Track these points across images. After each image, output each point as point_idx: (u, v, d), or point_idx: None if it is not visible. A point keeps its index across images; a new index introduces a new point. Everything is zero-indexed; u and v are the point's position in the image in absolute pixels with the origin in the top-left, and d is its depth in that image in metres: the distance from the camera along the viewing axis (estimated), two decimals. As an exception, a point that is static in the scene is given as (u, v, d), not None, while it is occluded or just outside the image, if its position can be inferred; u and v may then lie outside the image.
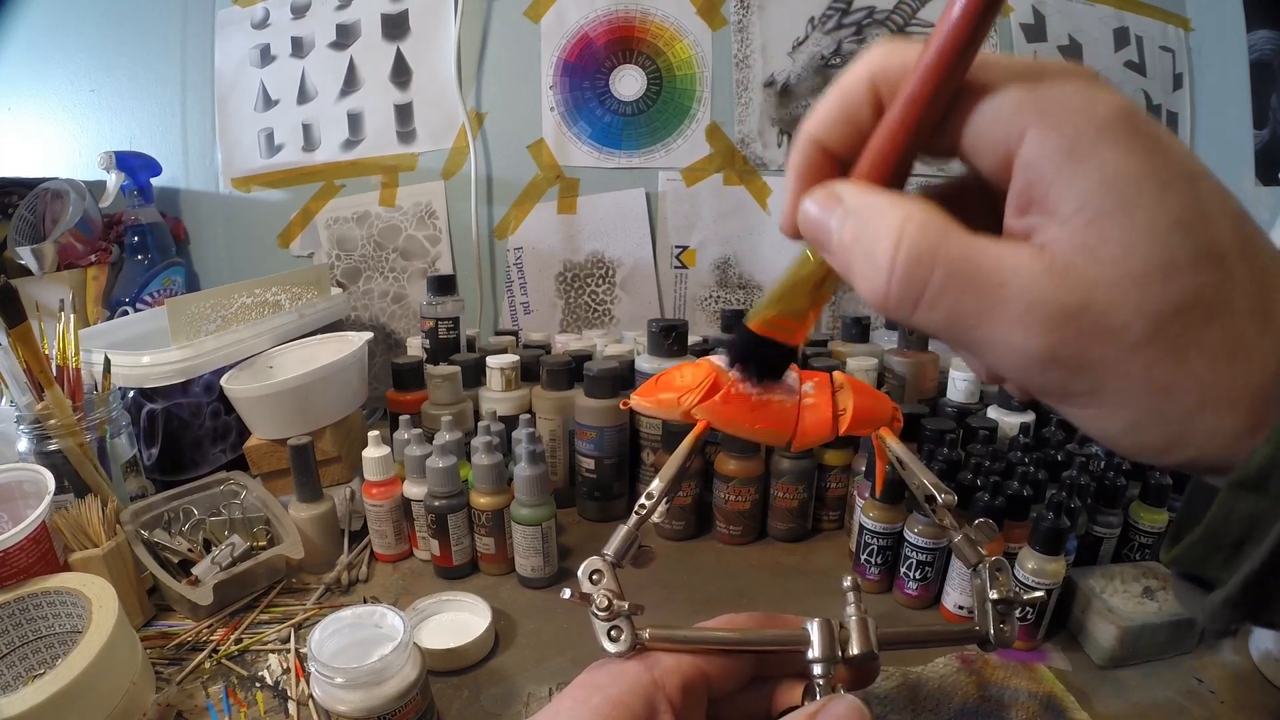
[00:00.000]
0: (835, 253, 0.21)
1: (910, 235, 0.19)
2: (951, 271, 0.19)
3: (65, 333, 0.65)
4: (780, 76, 1.05)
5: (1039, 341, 0.18)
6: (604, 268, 1.11)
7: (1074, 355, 0.18)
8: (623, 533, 0.34)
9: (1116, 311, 0.18)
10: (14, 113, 1.11)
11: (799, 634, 0.31)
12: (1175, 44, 1.08)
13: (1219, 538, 0.20)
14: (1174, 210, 0.18)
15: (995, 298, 0.19)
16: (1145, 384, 0.18)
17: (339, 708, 0.43)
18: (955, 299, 0.19)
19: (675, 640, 0.31)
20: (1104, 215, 0.18)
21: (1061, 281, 0.18)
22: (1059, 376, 0.19)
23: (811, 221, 0.22)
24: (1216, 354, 0.18)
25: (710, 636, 0.32)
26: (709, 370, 0.39)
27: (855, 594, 0.32)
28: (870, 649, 0.31)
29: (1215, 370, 0.18)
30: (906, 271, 0.19)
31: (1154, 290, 0.18)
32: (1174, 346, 0.18)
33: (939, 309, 0.19)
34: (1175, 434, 0.19)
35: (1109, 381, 0.19)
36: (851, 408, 0.39)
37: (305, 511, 0.65)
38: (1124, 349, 0.18)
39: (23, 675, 0.51)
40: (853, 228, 0.21)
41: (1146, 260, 0.18)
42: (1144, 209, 0.18)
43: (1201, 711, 0.50)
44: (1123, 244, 0.18)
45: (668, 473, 0.36)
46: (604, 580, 0.32)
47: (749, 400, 0.38)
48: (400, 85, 1.06)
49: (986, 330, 0.19)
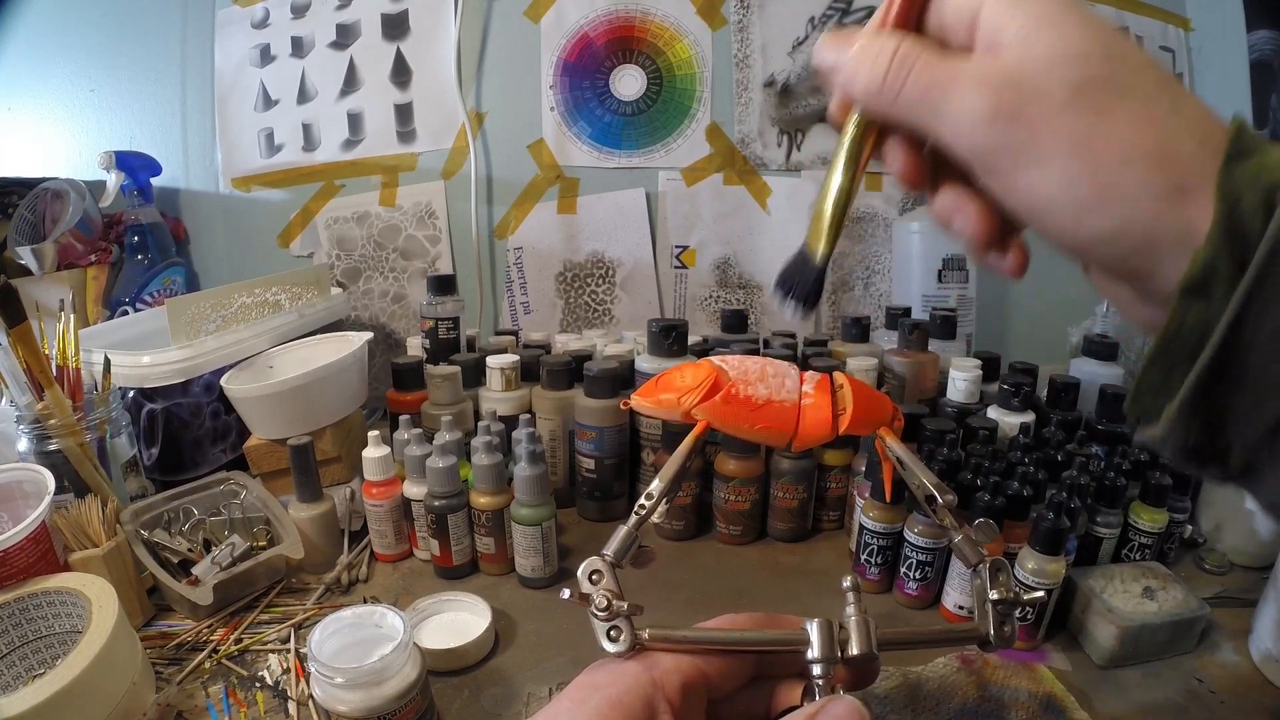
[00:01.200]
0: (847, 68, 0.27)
1: (905, 43, 0.25)
2: (928, 62, 0.25)
3: (65, 333, 0.65)
4: (780, 76, 1.05)
5: (986, 99, 0.23)
6: (604, 268, 1.11)
7: (1012, 110, 0.23)
8: (622, 533, 0.34)
9: (1043, 80, 0.23)
10: (14, 113, 1.11)
11: (798, 634, 0.31)
12: (1175, 44, 1.08)
13: (1174, 352, 0.23)
14: (1091, 29, 0.23)
15: (956, 75, 0.24)
16: (1072, 134, 0.22)
17: (339, 708, 0.43)
18: (929, 78, 0.25)
19: (674, 640, 0.31)
20: (1037, 29, 0.23)
21: (1003, 64, 0.24)
22: (1002, 131, 0.23)
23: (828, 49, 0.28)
24: (1132, 120, 0.22)
25: (709, 636, 0.32)
26: (709, 371, 0.39)
27: (855, 594, 0.32)
28: (870, 650, 0.31)
29: (1132, 132, 0.22)
30: (900, 61, 0.25)
31: (1073, 68, 0.23)
32: (1092, 107, 0.22)
33: (918, 84, 0.25)
34: (1106, 186, 0.22)
35: (1041, 133, 0.23)
36: (851, 408, 0.39)
37: (305, 511, 0.65)
38: (1052, 107, 0.23)
39: (23, 675, 0.51)
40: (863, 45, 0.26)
41: (1065, 50, 0.23)
42: (1068, 25, 0.23)
43: (1201, 711, 0.50)
44: (1048, 43, 0.23)
45: (668, 473, 0.36)
46: (603, 580, 0.32)
47: (749, 401, 0.38)
48: (400, 85, 1.06)
49: (948, 98, 0.24)
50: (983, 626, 0.34)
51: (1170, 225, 0.22)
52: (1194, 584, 0.59)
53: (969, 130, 0.24)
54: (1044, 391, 0.76)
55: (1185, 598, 0.55)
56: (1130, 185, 0.22)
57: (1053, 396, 0.74)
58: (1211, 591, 0.62)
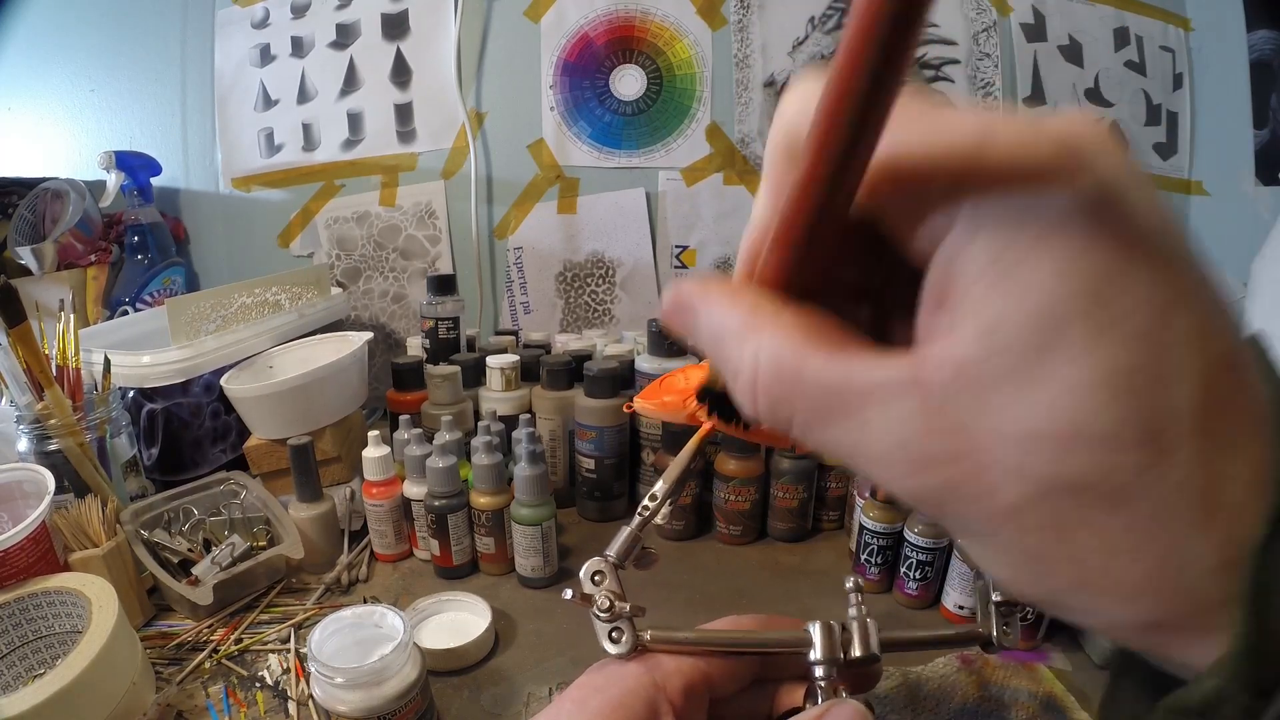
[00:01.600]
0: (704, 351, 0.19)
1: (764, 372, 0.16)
2: (812, 408, 0.16)
3: (65, 332, 0.65)
4: (780, 76, 1.05)
5: (898, 486, 0.16)
6: (604, 267, 1.11)
7: (936, 505, 0.15)
8: (625, 534, 0.34)
9: (990, 470, 0.14)
10: (14, 113, 1.10)
11: (800, 635, 0.31)
12: (1175, 44, 1.08)
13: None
14: (1109, 361, 0.13)
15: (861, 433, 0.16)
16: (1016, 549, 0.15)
17: (339, 708, 0.43)
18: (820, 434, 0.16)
19: (676, 642, 0.31)
20: (1009, 350, 0.14)
21: (932, 424, 0.15)
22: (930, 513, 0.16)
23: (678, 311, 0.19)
24: (1115, 546, 0.14)
25: (711, 638, 0.32)
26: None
27: (857, 595, 0.32)
28: (872, 651, 0.31)
29: (1108, 563, 0.14)
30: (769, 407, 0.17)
31: (1045, 458, 0.14)
32: (1056, 523, 0.14)
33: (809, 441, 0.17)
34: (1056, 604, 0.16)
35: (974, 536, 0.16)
36: None
37: (305, 511, 0.65)
38: (992, 512, 0.15)
39: (23, 675, 0.51)
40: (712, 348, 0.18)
41: (1047, 420, 0.13)
42: (1065, 353, 0.13)
43: (1201, 711, 0.50)
44: (1020, 394, 0.14)
45: (671, 474, 0.36)
46: (606, 581, 0.32)
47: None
48: (400, 85, 1.06)
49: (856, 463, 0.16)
50: (985, 628, 0.34)
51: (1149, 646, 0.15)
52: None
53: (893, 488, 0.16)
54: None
55: (1185, 598, 0.55)
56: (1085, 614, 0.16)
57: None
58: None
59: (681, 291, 0.18)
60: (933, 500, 0.15)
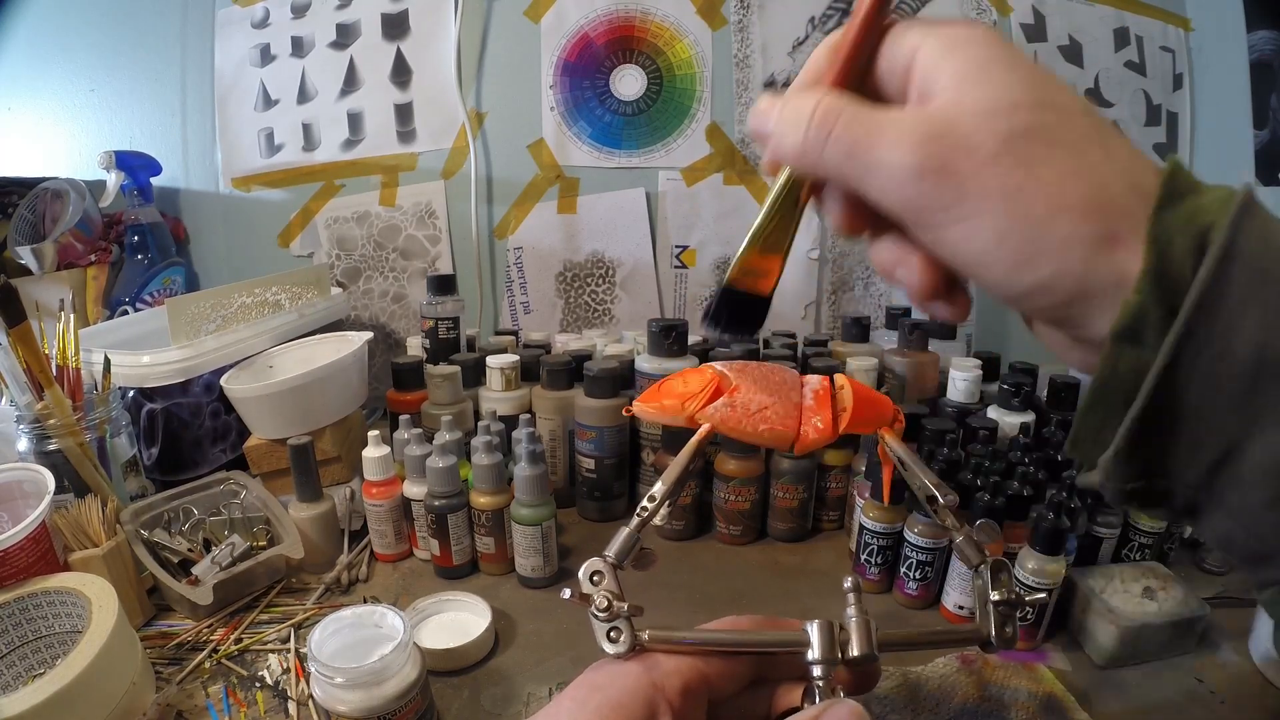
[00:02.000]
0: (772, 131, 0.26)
1: (824, 99, 0.25)
2: (852, 117, 0.24)
3: (65, 332, 0.65)
4: (780, 76, 1.05)
5: (912, 156, 0.23)
6: (604, 267, 1.11)
7: (939, 166, 0.22)
8: (624, 535, 0.34)
9: (972, 134, 0.22)
10: (14, 112, 1.11)
11: (799, 635, 0.31)
12: (1175, 44, 1.08)
13: (1108, 399, 0.23)
14: (1021, 76, 0.23)
15: (880, 130, 0.24)
16: (1000, 188, 0.22)
17: (339, 708, 0.43)
18: (852, 134, 0.24)
19: (674, 642, 0.31)
20: (966, 79, 0.23)
21: (930, 117, 0.23)
22: (930, 187, 0.23)
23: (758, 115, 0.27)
24: (1062, 171, 0.22)
25: (709, 638, 0.32)
26: (711, 376, 0.39)
27: (856, 595, 0.32)
28: (870, 651, 0.31)
29: (1062, 183, 0.22)
30: (820, 119, 0.25)
31: (1001, 119, 0.22)
32: (1022, 160, 0.22)
33: (841, 144, 0.24)
34: (1035, 239, 0.22)
35: (970, 188, 0.22)
36: (851, 407, 0.39)
37: (305, 511, 0.65)
38: (980, 161, 0.22)
39: (22, 675, 0.51)
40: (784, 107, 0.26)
41: (995, 100, 0.22)
42: (998, 73, 0.23)
43: (1201, 712, 0.50)
44: (977, 94, 0.23)
45: (670, 476, 0.36)
46: (604, 581, 0.32)
47: (751, 405, 0.38)
48: (400, 85, 1.06)
49: (873, 154, 0.24)
50: (984, 627, 0.34)
51: (1102, 274, 0.21)
52: (1194, 584, 0.59)
53: (895, 187, 0.23)
54: (1044, 391, 0.76)
55: (1185, 598, 0.55)
56: (1060, 237, 0.22)
57: (1053, 396, 0.74)
58: (1212, 591, 0.62)
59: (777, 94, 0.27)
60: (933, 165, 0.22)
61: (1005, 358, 0.82)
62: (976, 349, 0.86)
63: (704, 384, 0.39)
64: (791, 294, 1.10)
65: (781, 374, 0.41)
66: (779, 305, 1.11)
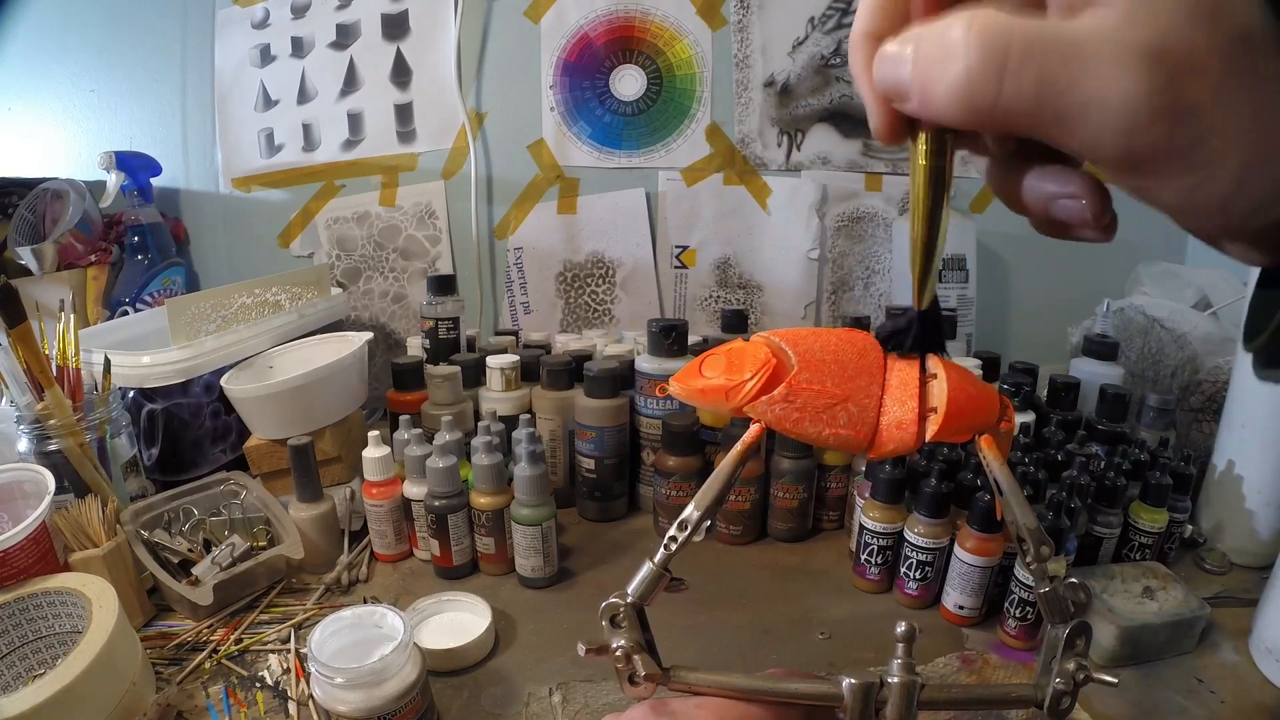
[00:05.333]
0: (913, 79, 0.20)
1: (979, 18, 0.18)
2: (1029, 39, 0.18)
3: (65, 333, 0.65)
4: (780, 76, 1.05)
5: (1140, 85, 0.17)
6: (604, 267, 1.11)
7: (1174, 99, 0.17)
8: (648, 570, 0.30)
9: (1194, 49, 0.17)
10: (14, 113, 1.10)
11: (831, 689, 0.29)
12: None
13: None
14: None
15: (1080, 53, 0.17)
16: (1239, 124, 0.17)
17: (339, 708, 0.43)
18: (1040, 64, 0.18)
19: (701, 684, 0.30)
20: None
21: (1137, 25, 0.17)
22: (1164, 131, 0.17)
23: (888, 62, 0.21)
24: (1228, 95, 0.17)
25: (733, 684, 0.30)
26: (766, 357, 0.30)
27: (906, 647, 0.29)
28: (908, 715, 0.28)
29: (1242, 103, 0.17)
30: (983, 47, 0.18)
31: (1221, 21, 0.17)
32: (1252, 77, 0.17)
33: (1026, 78, 0.18)
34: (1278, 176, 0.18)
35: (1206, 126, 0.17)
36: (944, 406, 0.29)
37: (305, 511, 0.65)
38: (1211, 87, 0.17)
39: (23, 675, 0.51)
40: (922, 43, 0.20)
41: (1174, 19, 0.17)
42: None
43: (1202, 711, 0.50)
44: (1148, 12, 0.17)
45: (707, 497, 0.30)
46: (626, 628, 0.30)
47: (819, 398, 0.30)
48: (400, 85, 1.06)
49: (1082, 90, 0.18)
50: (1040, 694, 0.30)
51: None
52: (1194, 584, 0.59)
53: (1118, 134, 0.18)
54: (1044, 391, 0.77)
55: (1185, 598, 0.55)
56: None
57: (1053, 396, 0.74)
58: (1212, 591, 0.62)
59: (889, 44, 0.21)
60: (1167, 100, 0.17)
61: (1005, 357, 0.82)
62: (977, 349, 0.86)
63: (758, 367, 0.30)
64: (791, 294, 1.10)
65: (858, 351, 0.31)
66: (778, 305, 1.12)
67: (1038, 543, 0.31)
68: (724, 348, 0.32)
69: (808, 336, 0.31)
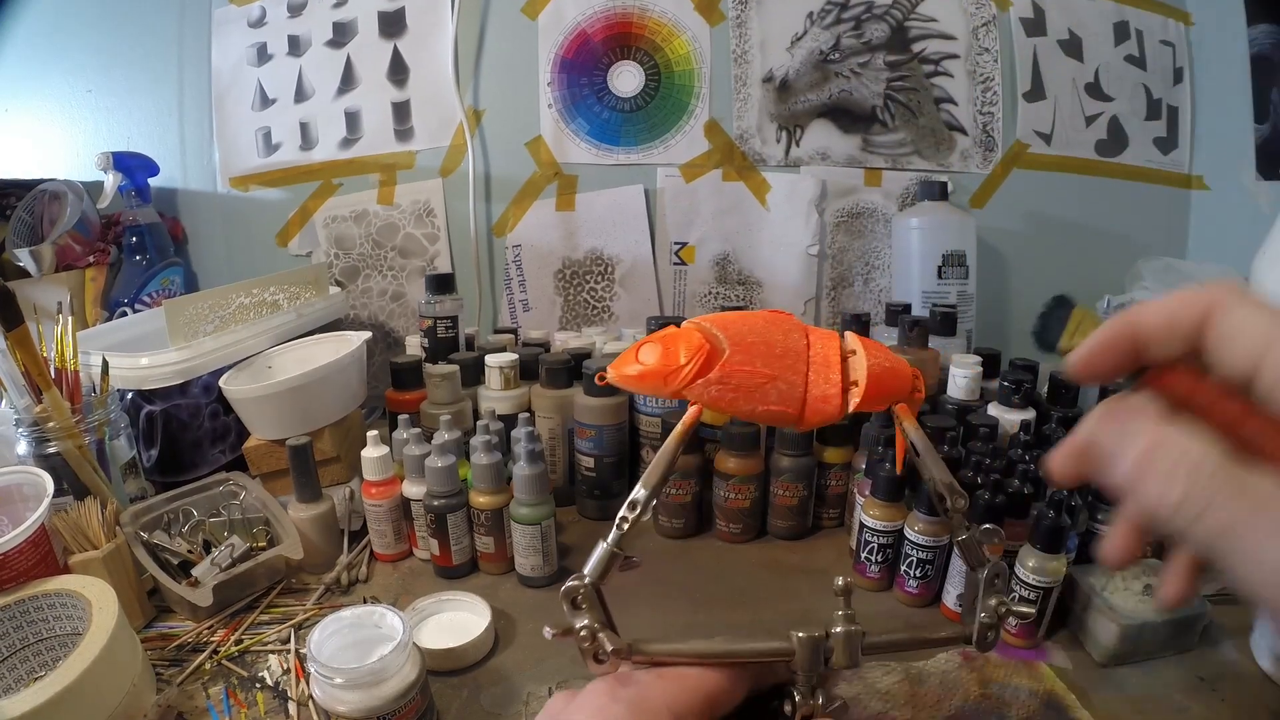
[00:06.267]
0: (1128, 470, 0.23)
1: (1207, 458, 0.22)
2: (1231, 493, 0.21)
3: (63, 335, 0.65)
4: (779, 72, 1.04)
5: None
6: (603, 265, 1.10)
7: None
8: (602, 550, 0.32)
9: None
10: (11, 113, 1.10)
11: (783, 645, 0.31)
12: (1176, 38, 1.08)
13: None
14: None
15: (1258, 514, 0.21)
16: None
17: (339, 708, 0.43)
18: (1228, 513, 0.21)
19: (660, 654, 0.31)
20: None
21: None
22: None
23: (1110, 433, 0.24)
24: None
25: (693, 649, 0.31)
26: (700, 343, 0.33)
27: (845, 599, 0.32)
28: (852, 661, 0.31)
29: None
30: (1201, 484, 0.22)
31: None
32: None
33: (1214, 519, 0.21)
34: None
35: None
36: (865, 379, 0.33)
37: (305, 512, 0.65)
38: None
39: (23, 677, 0.51)
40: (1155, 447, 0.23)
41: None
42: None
43: (1202, 709, 0.50)
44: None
45: (652, 477, 0.33)
46: (586, 609, 0.31)
47: (750, 379, 0.32)
48: (397, 83, 1.06)
49: (1246, 541, 0.21)
50: (967, 629, 0.34)
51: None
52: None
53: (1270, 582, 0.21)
54: (1045, 388, 0.76)
55: (1186, 594, 0.55)
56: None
57: (1053, 393, 0.74)
58: (1213, 589, 0.62)
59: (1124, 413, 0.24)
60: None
61: (1006, 354, 0.81)
62: (977, 346, 0.86)
63: (693, 352, 0.32)
64: (791, 290, 1.10)
65: (783, 331, 0.34)
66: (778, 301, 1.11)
67: (953, 494, 0.34)
68: (658, 335, 0.34)
69: (736, 320, 0.34)
